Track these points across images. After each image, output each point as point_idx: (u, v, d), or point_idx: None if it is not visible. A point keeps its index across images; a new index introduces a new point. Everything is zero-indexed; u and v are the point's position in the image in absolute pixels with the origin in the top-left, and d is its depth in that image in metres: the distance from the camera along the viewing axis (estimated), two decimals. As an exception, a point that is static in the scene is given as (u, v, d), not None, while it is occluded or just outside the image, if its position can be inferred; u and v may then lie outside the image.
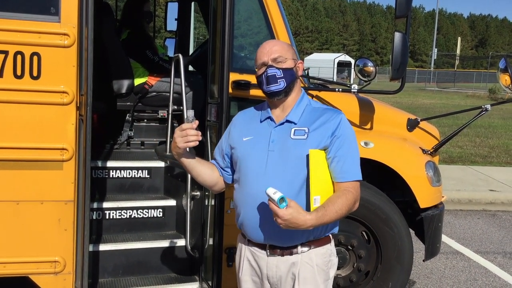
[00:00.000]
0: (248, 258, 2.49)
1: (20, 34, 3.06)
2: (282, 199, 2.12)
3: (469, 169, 10.16)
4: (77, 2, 3.12)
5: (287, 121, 2.42)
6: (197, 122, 2.36)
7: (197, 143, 2.36)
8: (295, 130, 2.38)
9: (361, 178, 2.38)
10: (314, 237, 2.38)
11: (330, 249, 2.46)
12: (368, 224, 3.90)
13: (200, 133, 2.36)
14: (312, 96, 3.91)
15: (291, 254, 2.38)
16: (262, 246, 2.42)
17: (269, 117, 2.46)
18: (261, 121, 2.49)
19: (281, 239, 2.36)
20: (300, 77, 2.55)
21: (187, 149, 2.42)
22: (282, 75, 2.39)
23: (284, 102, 2.45)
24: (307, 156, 2.30)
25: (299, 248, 2.38)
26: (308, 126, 2.38)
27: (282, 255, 2.38)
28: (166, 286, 3.77)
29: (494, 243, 6.41)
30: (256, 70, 2.47)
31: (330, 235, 2.48)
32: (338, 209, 2.26)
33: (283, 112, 2.45)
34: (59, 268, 3.26)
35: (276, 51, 2.41)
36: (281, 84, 2.39)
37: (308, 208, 2.27)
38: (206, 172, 2.56)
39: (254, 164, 2.39)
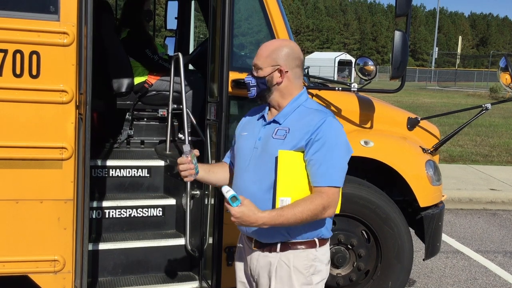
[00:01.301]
0: (241, 247, 2.59)
1: (19, 32, 3.06)
2: (234, 197, 2.19)
3: (470, 168, 10.15)
4: (76, 1, 3.12)
5: (274, 120, 2.45)
6: (196, 153, 2.51)
7: (193, 178, 2.50)
8: (277, 130, 2.41)
9: (337, 185, 2.29)
10: (293, 238, 2.36)
11: (313, 253, 2.40)
12: (368, 223, 3.89)
13: (193, 166, 2.47)
14: (312, 95, 3.91)
15: (270, 251, 2.40)
16: (250, 239, 2.49)
17: (263, 116, 2.51)
18: (257, 119, 2.54)
19: (260, 235, 2.40)
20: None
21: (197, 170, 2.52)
22: (255, 83, 2.44)
23: (274, 103, 2.46)
24: (277, 157, 2.31)
25: (278, 247, 2.38)
26: (290, 127, 2.38)
27: (263, 250, 2.42)
28: (165, 285, 3.77)
29: (495, 242, 6.41)
30: None
31: (317, 240, 2.40)
32: (298, 212, 2.21)
33: (277, 111, 2.48)
34: (58, 267, 3.26)
35: (258, 56, 2.44)
36: (252, 92, 2.46)
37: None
38: (220, 177, 2.67)
39: (242, 160, 2.48)
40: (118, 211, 3.96)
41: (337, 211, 2.36)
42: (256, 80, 2.43)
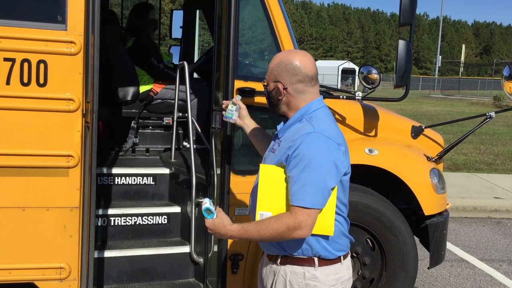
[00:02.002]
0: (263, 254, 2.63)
1: (27, 42, 3.09)
2: (208, 210, 2.32)
3: (474, 176, 10.13)
4: (83, 10, 3.15)
5: (276, 134, 2.49)
6: (240, 104, 2.90)
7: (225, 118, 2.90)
8: (274, 143, 2.46)
9: (308, 206, 2.17)
10: (288, 252, 2.36)
11: (311, 272, 2.33)
12: (373, 231, 3.89)
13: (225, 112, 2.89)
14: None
15: (273, 262, 2.43)
16: None
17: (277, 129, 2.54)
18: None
19: (263, 246, 2.47)
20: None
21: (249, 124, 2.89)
22: (267, 96, 2.50)
23: (285, 115, 2.48)
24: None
25: (279, 260, 2.40)
26: (282, 141, 2.39)
27: (270, 259, 2.46)
28: (170, 293, 3.78)
29: (499, 251, 6.39)
30: None
31: (316, 260, 2.34)
32: (261, 230, 2.21)
33: None
34: (64, 275, 3.27)
35: (268, 70, 2.46)
36: (268, 104, 2.52)
37: None
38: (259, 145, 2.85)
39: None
40: (124, 219, 3.97)
41: (327, 232, 2.28)
42: (266, 93, 2.48)
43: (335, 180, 2.25)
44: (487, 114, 4.26)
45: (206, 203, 2.35)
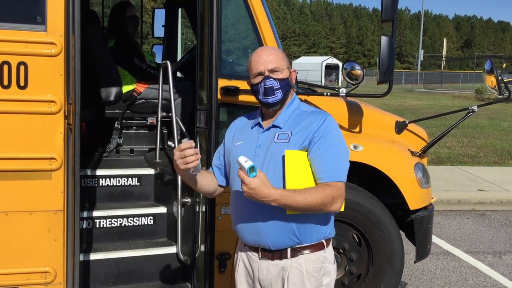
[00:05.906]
0: (243, 259, 2.55)
1: (6, 43, 3.04)
2: (252, 168, 2.15)
3: (458, 169, 10.23)
4: (63, 11, 3.11)
5: (273, 126, 2.48)
6: (193, 142, 2.30)
7: (198, 162, 2.31)
8: (279, 134, 2.43)
9: (343, 180, 2.34)
10: (302, 242, 2.39)
11: (323, 255, 2.44)
12: (359, 227, 3.91)
13: (198, 150, 2.31)
14: (301, 101, 3.92)
15: (280, 258, 2.41)
16: (255, 249, 2.47)
17: (258, 123, 2.52)
18: (251, 128, 2.55)
19: (269, 243, 2.39)
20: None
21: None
22: (279, 86, 2.44)
23: (282, 105, 2.50)
24: (283, 157, 2.34)
25: (289, 253, 2.40)
26: (291, 130, 2.42)
27: (272, 259, 2.42)
28: (158, 294, 3.76)
29: (484, 243, 6.46)
30: (251, 78, 2.49)
31: (324, 242, 2.45)
32: (308, 197, 2.23)
33: (272, 118, 2.50)
34: (49, 279, 3.23)
35: (273, 61, 2.44)
36: (278, 96, 2.44)
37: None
38: (207, 183, 2.61)
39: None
40: (109, 221, 3.94)
41: (342, 209, 2.38)
42: (280, 82, 2.44)
43: (348, 158, 2.45)
44: (469, 108, 4.29)
45: (249, 160, 2.16)
